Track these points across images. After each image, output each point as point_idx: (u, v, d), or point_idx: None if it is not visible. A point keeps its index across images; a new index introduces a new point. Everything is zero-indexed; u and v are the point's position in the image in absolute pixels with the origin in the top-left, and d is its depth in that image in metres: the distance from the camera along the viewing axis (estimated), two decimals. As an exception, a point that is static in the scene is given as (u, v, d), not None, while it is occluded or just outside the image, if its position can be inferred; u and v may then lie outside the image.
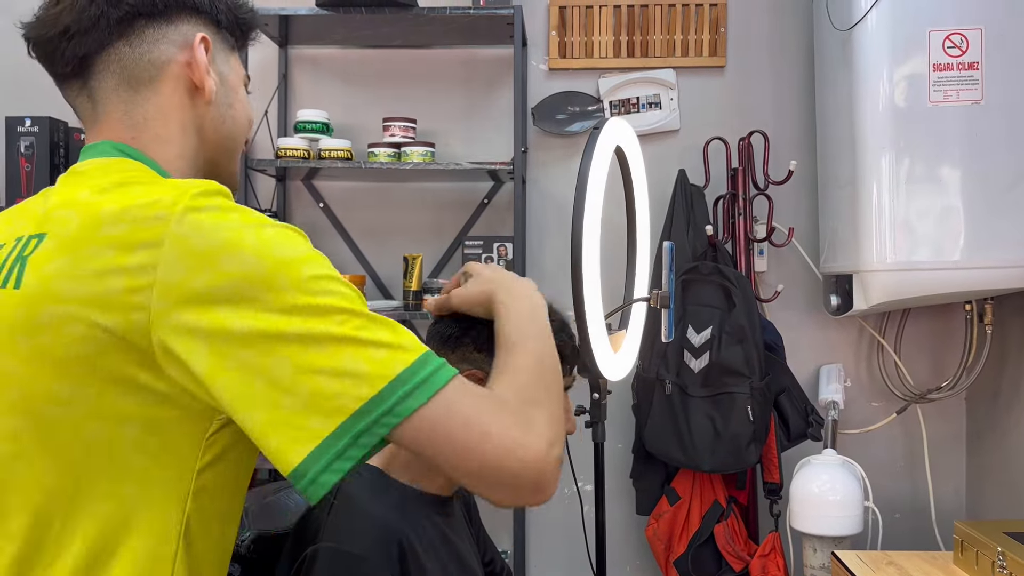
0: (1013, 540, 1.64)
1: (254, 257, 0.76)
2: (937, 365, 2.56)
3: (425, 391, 0.75)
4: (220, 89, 0.94)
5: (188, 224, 0.76)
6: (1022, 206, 2.04)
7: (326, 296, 0.77)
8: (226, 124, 0.96)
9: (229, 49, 0.97)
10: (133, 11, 0.88)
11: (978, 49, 2.04)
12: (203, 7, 0.93)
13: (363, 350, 0.75)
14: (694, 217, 2.45)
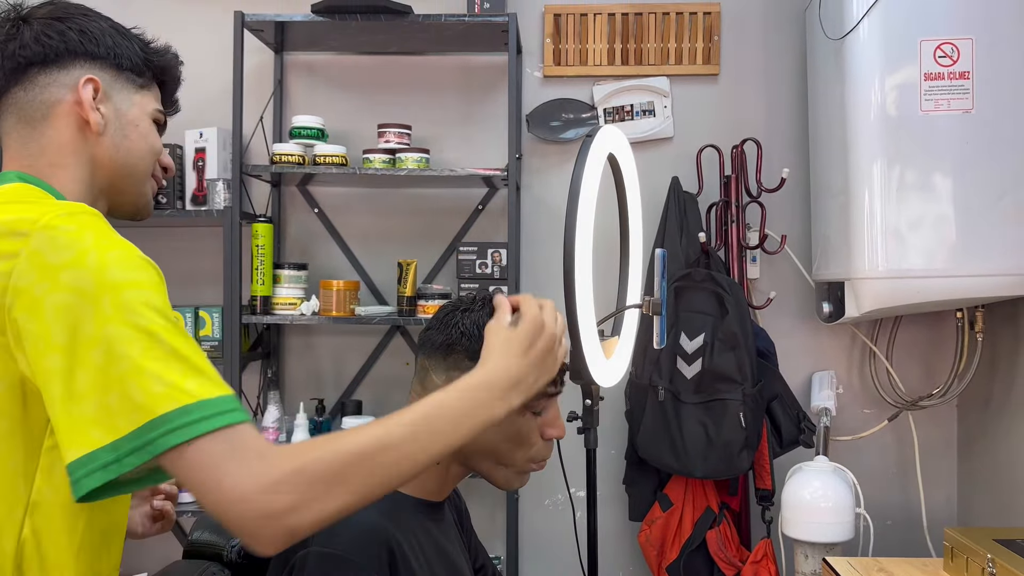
0: (1003, 547, 1.65)
1: (89, 275, 0.88)
2: (928, 372, 2.57)
3: (182, 434, 0.83)
4: (114, 123, 1.08)
5: (44, 239, 0.89)
6: (1012, 214, 2.05)
7: (141, 322, 0.87)
8: (120, 153, 1.09)
9: (134, 88, 1.11)
10: (26, 62, 1.05)
11: (969, 58, 2.05)
12: (99, 54, 1.08)
13: (148, 381, 0.85)
14: (687, 224, 2.47)
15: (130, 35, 1.13)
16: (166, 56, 1.16)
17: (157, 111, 1.14)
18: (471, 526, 1.35)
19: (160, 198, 2.54)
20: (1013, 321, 2.30)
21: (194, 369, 0.88)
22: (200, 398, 0.86)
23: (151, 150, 1.13)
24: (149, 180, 1.14)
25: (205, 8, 2.67)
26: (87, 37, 1.08)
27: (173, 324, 0.89)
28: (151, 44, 1.15)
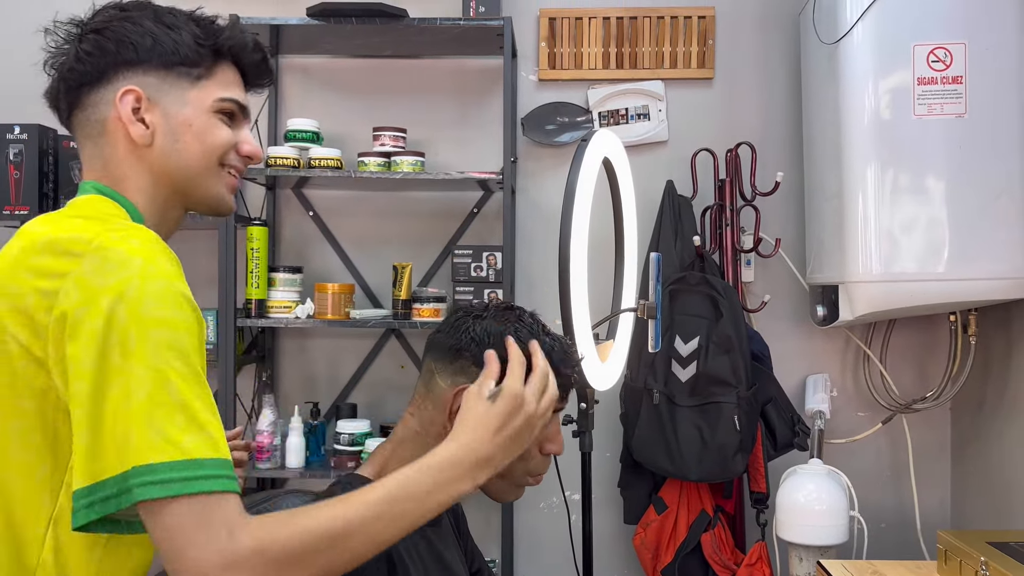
0: (996, 550, 1.66)
1: (125, 305, 0.87)
2: (922, 375, 2.58)
3: (161, 490, 0.83)
4: (163, 129, 1.04)
5: (95, 261, 0.90)
6: (1005, 218, 2.06)
7: (160, 365, 0.86)
8: (172, 159, 1.05)
9: (189, 83, 1.05)
10: (76, 83, 1.06)
11: (962, 63, 2.06)
12: (139, 59, 1.04)
13: (146, 427, 0.85)
14: (682, 227, 2.47)
15: (180, 23, 1.05)
16: (229, 34, 1.07)
17: (221, 100, 1.07)
18: (467, 530, 1.35)
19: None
20: (1006, 324, 2.31)
21: (196, 425, 0.87)
22: (191, 457, 0.85)
23: (209, 148, 1.06)
24: (218, 176, 1.08)
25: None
26: (124, 45, 1.03)
27: (192, 372, 0.88)
28: (212, 24, 1.07)
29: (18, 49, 2.73)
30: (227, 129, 1.08)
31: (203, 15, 1.08)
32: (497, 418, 1.02)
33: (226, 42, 1.07)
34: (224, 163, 1.09)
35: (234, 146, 1.09)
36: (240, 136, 1.10)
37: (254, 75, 1.12)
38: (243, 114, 1.11)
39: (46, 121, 2.53)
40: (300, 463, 2.45)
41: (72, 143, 2.53)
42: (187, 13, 1.08)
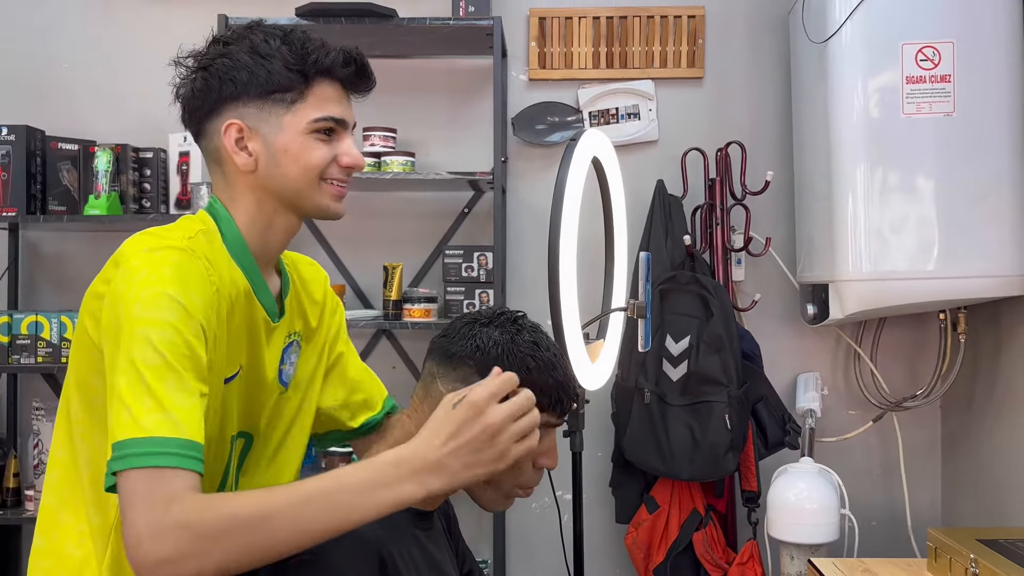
0: (985, 547, 1.66)
1: (124, 307, 1.01)
2: (912, 373, 2.59)
3: (121, 463, 0.93)
4: (264, 155, 1.14)
5: (122, 272, 1.04)
6: (994, 217, 2.07)
7: (136, 358, 0.98)
8: (276, 180, 1.15)
9: (284, 108, 1.13)
10: (195, 116, 1.16)
11: (950, 62, 2.07)
12: (238, 92, 1.12)
13: (121, 409, 0.96)
14: (672, 227, 2.47)
15: (273, 51, 1.12)
16: (316, 57, 1.13)
17: (315, 122, 1.13)
18: (459, 531, 1.35)
19: (144, 202, 2.53)
20: (995, 322, 2.31)
21: (160, 408, 0.95)
22: (150, 434, 0.94)
23: (307, 169, 1.14)
24: (320, 190, 1.16)
25: (188, 11, 2.66)
26: (225, 81, 1.12)
27: (165, 364, 0.98)
28: (302, 47, 1.13)
29: (7, 52, 2.72)
30: (323, 147, 1.14)
31: (296, 36, 1.14)
32: (452, 424, 1.00)
33: (313, 66, 1.13)
34: (325, 177, 1.16)
35: (333, 159, 1.16)
36: (340, 149, 1.16)
37: (351, 87, 1.18)
38: (342, 127, 1.16)
39: (34, 122, 2.52)
40: (291, 464, 2.44)
41: (60, 144, 2.51)
42: (282, 37, 1.13)
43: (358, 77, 1.18)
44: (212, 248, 1.12)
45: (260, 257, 1.18)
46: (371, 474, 0.98)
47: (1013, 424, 2.22)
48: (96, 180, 2.42)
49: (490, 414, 1.00)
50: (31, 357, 2.43)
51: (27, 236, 2.69)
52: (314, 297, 1.32)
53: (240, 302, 1.13)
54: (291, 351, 1.25)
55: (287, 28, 1.16)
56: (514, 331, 1.16)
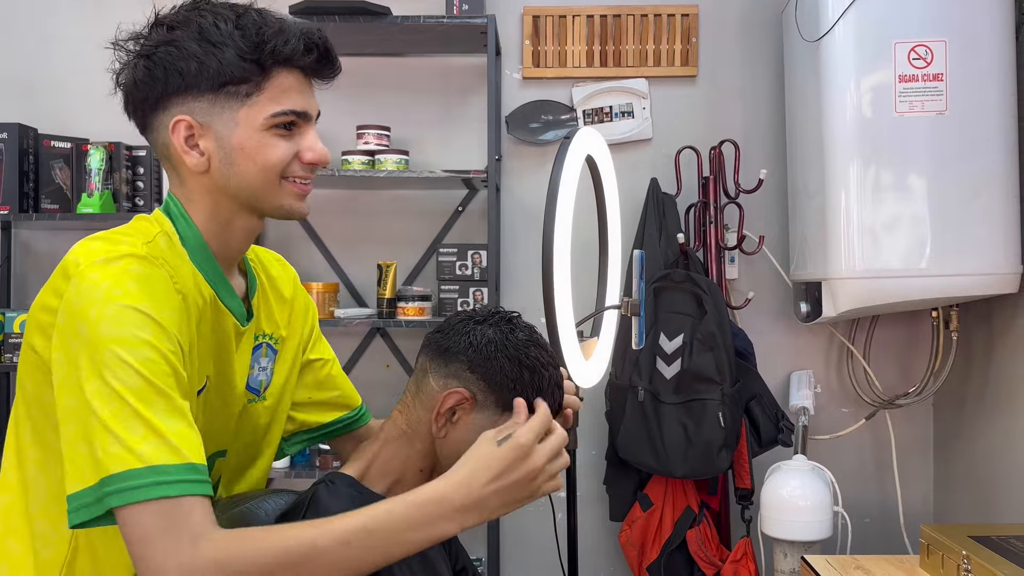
0: (977, 543, 1.67)
1: (87, 326, 0.92)
2: (905, 371, 2.60)
3: (126, 497, 0.87)
4: (218, 153, 1.04)
5: (76, 285, 0.95)
6: (986, 215, 2.08)
7: (115, 381, 0.90)
8: (231, 181, 1.05)
9: (238, 102, 1.02)
10: (138, 106, 1.06)
11: (942, 61, 2.08)
12: (187, 85, 1.01)
13: (108, 439, 0.88)
14: (666, 225, 2.48)
15: (225, 39, 1.01)
16: (273, 45, 1.01)
17: (273, 117, 1.03)
18: (451, 529, 1.35)
19: (137, 200, 2.52)
20: (987, 320, 2.32)
21: (155, 434, 0.89)
22: (151, 463, 0.88)
23: (265, 168, 1.04)
24: (280, 189, 1.06)
25: (182, 9, 2.65)
26: (171, 73, 1.01)
27: (148, 385, 0.91)
28: (258, 33, 1.01)
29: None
30: (282, 144, 1.05)
31: (250, 20, 1.02)
32: (498, 464, 0.99)
33: (270, 56, 1.02)
34: (286, 176, 1.06)
35: (295, 156, 1.06)
36: (302, 144, 1.07)
37: (314, 74, 1.08)
38: (304, 119, 1.07)
39: (26, 120, 2.51)
40: (285, 462, 2.45)
41: (52, 142, 2.51)
42: (235, 20, 1.02)
43: (321, 63, 1.07)
44: (172, 252, 1.04)
45: (221, 259, 1.09)
46: (415, 514, 0.96)
47: (1005, 421, 2.23)
48: (89, 178, 2.42)
49: (535, 457, 1.01)
50: (24, 356, 2.42)
51: (20, 234, 2.69)
52: (283, 294, 1.25)
53: (206, 310, 1.06)
54: (260, 354, 1.18)
55: (240, 8, 1.04)
56: (508, 330, 1.17)
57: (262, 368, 1.19)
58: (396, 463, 1.16)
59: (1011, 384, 2.21)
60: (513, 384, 1.13)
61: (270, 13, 1.05)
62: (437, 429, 1.14)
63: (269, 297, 1.22)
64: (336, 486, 1.13)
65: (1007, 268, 2.10)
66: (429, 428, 1.14)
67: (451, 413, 1.13)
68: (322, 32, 1.07)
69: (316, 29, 1.06)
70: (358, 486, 1.14)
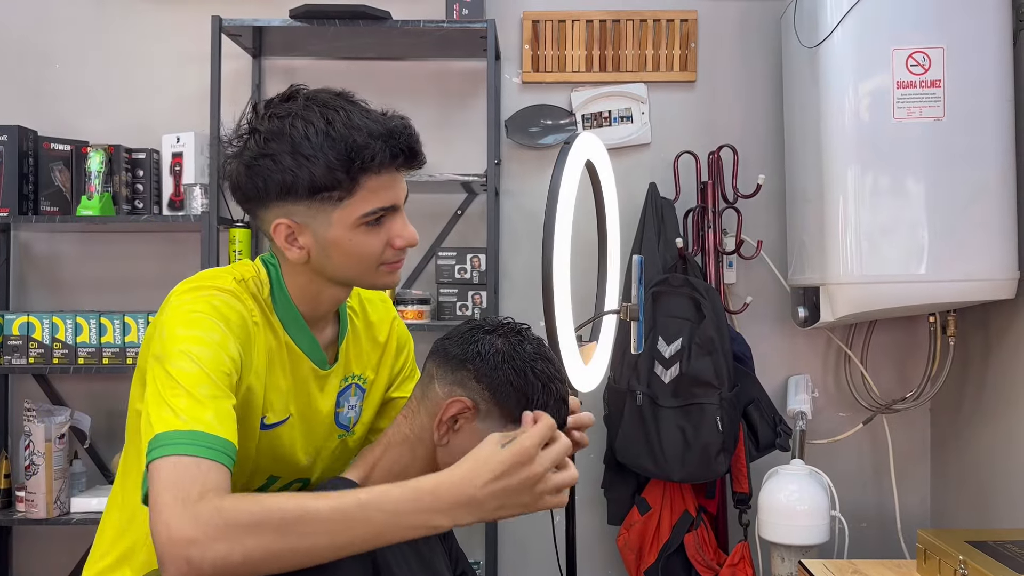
0: (974, 548, 1.67)
1: (168, 331, 1.06)
2: (902, 376, 2.61)
3: (161, 451, 0.96)
4: (315, 248, 1.14)
5: (166, 308, 1.10)
6: (983, 220, 2.09)
7: (174, 368, 1.02)
8: (328, 271, 1.16)
9: (332, 205, 1.11)
10: (246, 205, 1.17)
11: (940, 67, 2.09)
12: (284, 192, 1.11)
13: (162, 408, 1.00)
14: (665, 229, 2.48)
15: (316, 151, 1.08)
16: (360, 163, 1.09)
17: (364, 216, 1.12)
18: (452, 533, 1.35)
19: (137, 203, 2.52)
20: (984, 325, 2.33)
21: (199, 405, 0.99)
22: (190, 427, 0.97)
23: (360, 260, 1.14)
24: (375, 274, 1.17)
25: (183, 13, 2.66)
26: (269, 184, 1.10)
27: (202, 373, 1.01)
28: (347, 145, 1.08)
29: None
30: (374, 238, 1.14)
31: (339, 129, 1.09)
32: (499, 465, 1.00)
33: (359, 169, 1.09)
34: (381, 263, 1.16)
35: (387, 244, 1.15)
36: (392, 231, 1.15)
37: (401, 168, 1.15)
38: (393, 210, 1.15)
39: (26, 122, 2.51)
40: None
41: (52, 144, 2.51)
42: (325, 130, 1.09)
43: (408, 164, 1.15)
44: (260, 296, 1.16)
45: (308, 315, 1.20)
46: (409, 498, 0.97)
47: (1002, 426, 2.24)
48: (89, 181, 2.42)
49: (538, 463, 1.01)
50: (23, 358, 2.42)
51: (19, 237, 2.69)
52: (377, 339, 1.34)
53: (281, 351, 1.17)
54: (349, 394, 1.28)
55: (329, 115, 1.10)
56: (516, 342, 1.16)
57: (351, 406, 1.29)
58: (398, 469, 1.16)
59: (1008, 389, 2.21)
60: (518, 396, 1.13)
61: (358, 110, 1.12)
62: (439, 436, 1.14)
63: (362, 341, 1.31)
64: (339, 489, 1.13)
65: (1004, 274, 2.11)
66: (432, 435, 1.14)
67: (453, 421, 1.13)
68: (409, 128, 1.15)
69: (403, 127, 1.13)
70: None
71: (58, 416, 2.43)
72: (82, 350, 2.42)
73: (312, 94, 1.15)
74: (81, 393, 2.65)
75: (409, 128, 1.15)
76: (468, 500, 0.99)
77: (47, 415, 2.41)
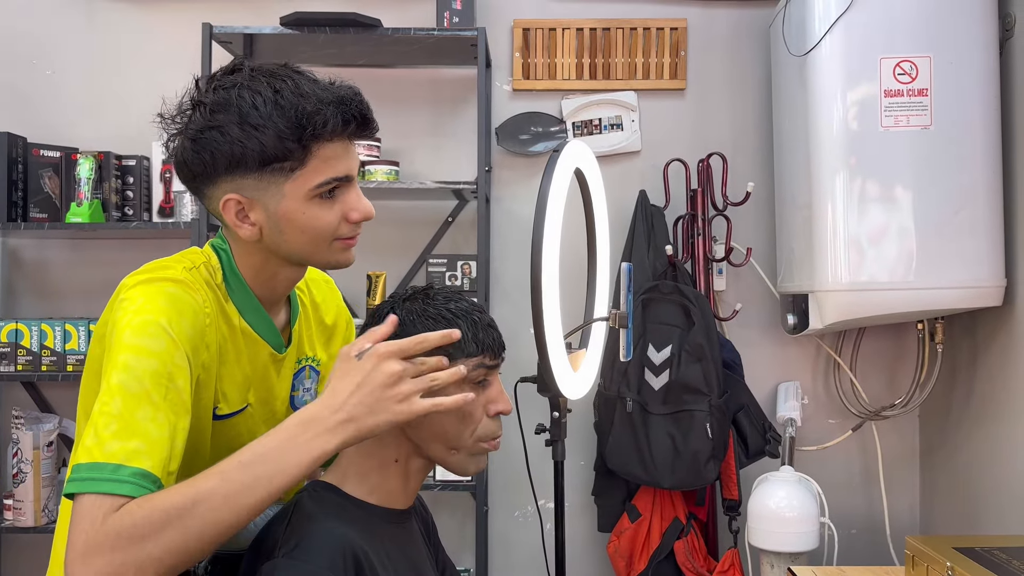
0: (962, 555, 1.68)
1: (117, 333, 1.02)
2: (891, 382, 2.62)
3: (73, 486, 0.94)
4: (267, 224, 1.10)
5: (119, 302, 1.07)
6: (970, 228, 2.10)
7: (115, 382, 0.99)
8: (282, 247, 1.12)
9: (283, 176, 1.07)
10: (193, 182, 1.12)
11: (927, 76, 2.10)
12: (233, 165, 1.07)
13: (90, 434, 0.97)
14: (654, 237, 2.49)
15: (265, 120, 1.05)
16: (312, 130, 1.06)
17: (317, 187, 1.08)
18: (439, 540, 1.35)
19: (126, 210, 2.52)
20: (971, 332, 2.34)
21: (126, 433, 0.96)
22: (109, 460, 0.95)
23: (315, 235, 1.11)
24: (330, 249, 1.13)
25: (173, 20, 2.66)
26: (216, 156, 1.07)
27: (143, 391, 0.98)
28: (297, 114, 1.05)
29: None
30: (328, 210, 1.10)
31: (287, 98, 1.05)
32: (357, 373, 1.01)
33: (311, 136, 1.06)
34: (336, 237, 1.13)
35: (342, 218, 1.12)
36: (347, 204, 1.12)
37: (353, 136, 1.12)
38: (346, 181, 1.11)
39: (15, 129, 2.51)
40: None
41: (41, 151, 2.51)
42: (273, 99, 1.05)
43: (359, 132, 1.11)
44: (212, 282, 1.12)
45: (264, 298, 1.17)
46: (283, 439, 0.99)
47: (990, 432, 2.25)
48: (78, 187, 2.42)
49: (393, 362, 1.02)
50: (11, 365, 2.41)
51: (8, 243, 2.68)
52: (324, 321, 1.32)
53: (237, 338, 1.14)
54: (303, 376, 1.26)
55: (276, 83, 1.07)
56: (425, 298, 1.17)
57: (306, 389, 1.28)
58: (372, 462, 1.16)
59: (995, 396, 2.23)
60: None
61: (306, 79, 1.09)
62: None
63: (311, 323, 1.29)
64: (319, 493, 1.13)
65: (991, 281, 2.12)
66: None
67: None
68: (359, 96, 1.11)
69: (353, 94, 1.11)
70: (340, 491, 1.14)
71: (46, 424, 2.42)
72: (71, 357, 2.41)
73: (256, 65, 1.10)
74: (70, 401, 2.64)
75: (359, 95, 1.11)
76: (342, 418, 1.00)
77: (35, 423, 2.41)
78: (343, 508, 1.12)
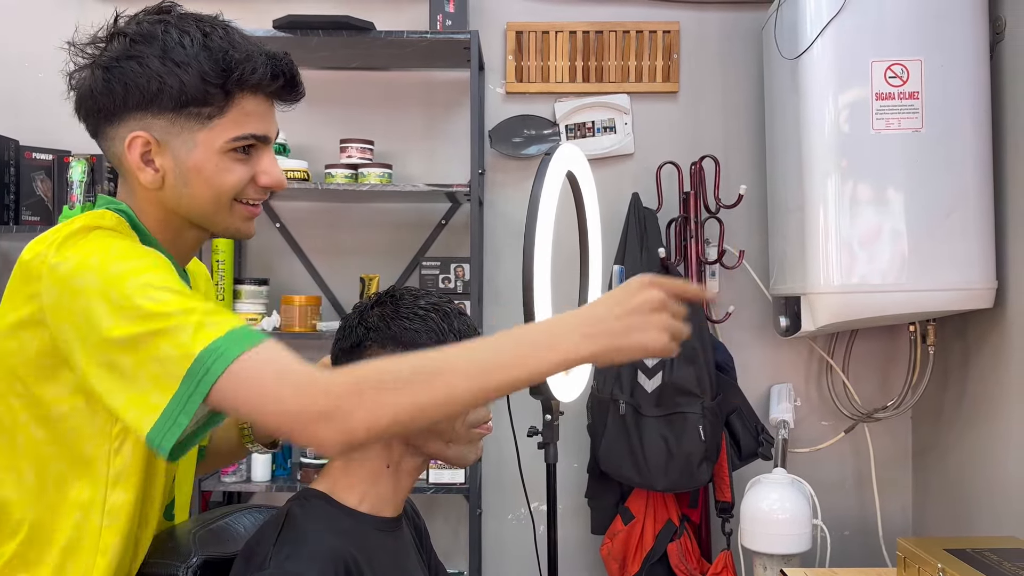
0: (953, 557, 1.68)
1: (94, 274, 0.92)
2: (883, 384, 2.62)
3: (225, 360, 0.88)
4: (173, 172, 1.03)
5: (58, 256, 0.95)
6: (962, 230, 2.11)
7: (147, 302, 0.90)
8: (183, 201, 1.05)
9: (199, 124, 1.01)
10: (92, 114, 1.04)
11: (918, 79, 2.11)
12: (147, 102, 1.00)
13: (174, 339, 0.89)
14: (647, 239, 2.50)
15: (190, 59, 0.99)
16: (239, 74, 1.00)
17: (233, 141, 1.02)
18: (431, 545, 1.35)
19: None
20: (962, 334, 2.35)
21: (207, 314, 0.91)
22: (226, 330, 0.90)
23: (219, 192, 1.04)
24: (231, 212, 1.07)
25: (165, 22, 2.66)
26: (130, 89, 1.00)
27: (176, 293, 0.92)
28: (224, 57, 1.00)
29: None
30: (240, 168, 1.05)
31: (218, 42, 1.01)
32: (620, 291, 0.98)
33: (236, 83, 1.01)
34: (239, 198, 1.07)
35: (251, 179, 1.07)
36: (259, 167, 1.07)
37: (277, 98, 1.08)
38: (263, 142, 1.06)
39: (7, 132, 2.50)
40: (266, 476, 2.44)
41: (34, 154, 2.50)
42: (202, 40, 1.00)
43: (286, 90, 1.06)
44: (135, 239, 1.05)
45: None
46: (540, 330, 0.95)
47: (981, 434, 2.26)
48: (71, 191, 2.41)
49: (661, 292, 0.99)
50: (3, 368, 2.40)
51: (0, 247, 2.67)
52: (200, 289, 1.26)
53: None
54: None
55: (206, 26, 1.02)
56: (393, 300, 1.16)
57: None
58: (363, 471, 1.15)
59: (987, 397, 2.23)
60: (426, 334, 1.12)
61: (237, 31, 1.05)
62: None
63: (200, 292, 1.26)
64: (309, 502, 1.13)
65: (982, 283, 2.13)
66: None
67: None
68: (289, 57, 1.07)
69: (283, 54, 1.06)
70: (330, 500, 1.14)
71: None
72: (63, 361, 2.41)
73: (187, 11, 1.05)
74: (62, 404, 2.63)
75: (290, 57, 1.07)
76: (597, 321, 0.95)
77: None
78: (334, 518, 1.12)
